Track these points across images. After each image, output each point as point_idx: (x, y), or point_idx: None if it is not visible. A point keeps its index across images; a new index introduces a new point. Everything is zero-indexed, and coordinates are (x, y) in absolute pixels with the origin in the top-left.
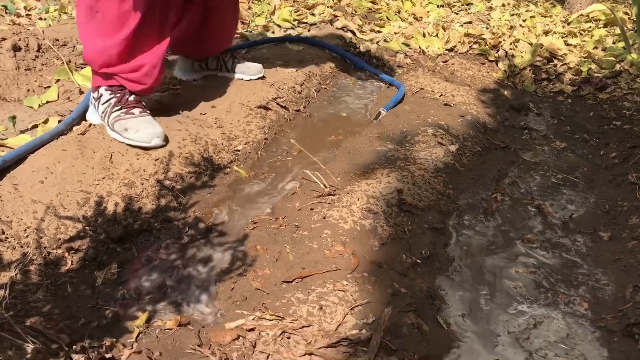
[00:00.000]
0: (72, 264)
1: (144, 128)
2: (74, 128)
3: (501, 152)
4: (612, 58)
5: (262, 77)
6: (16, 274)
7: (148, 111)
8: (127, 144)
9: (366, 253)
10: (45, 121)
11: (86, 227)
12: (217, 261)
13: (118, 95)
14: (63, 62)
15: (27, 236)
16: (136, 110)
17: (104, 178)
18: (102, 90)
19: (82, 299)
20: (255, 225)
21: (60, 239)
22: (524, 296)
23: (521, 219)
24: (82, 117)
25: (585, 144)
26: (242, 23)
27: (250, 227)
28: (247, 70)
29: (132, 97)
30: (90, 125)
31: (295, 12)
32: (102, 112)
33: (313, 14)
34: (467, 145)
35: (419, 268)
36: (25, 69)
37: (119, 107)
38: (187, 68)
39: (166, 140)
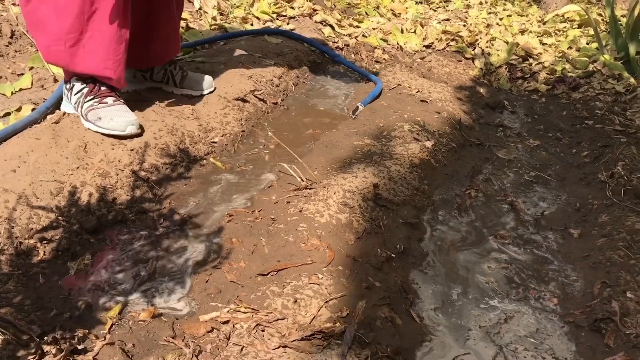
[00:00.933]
0: (44, 255)
1: (117, 116)
2: (48, 117)
3: (476, 149)
4: (586, 58)
5: (212, 91)
6: None
7: (122, 100)
8: (102, 134)
9: (342, 247)
10: (19, 109)
11: (59, 217)
12: (191, 253)
13: (90, 84)
14: (37, 49)
15: None
16: (109, 99)
17: (78, 168)
18: (73, 80)
19: (54, 289)
20: (231, 218)
21: (32, 229)
22: (495, 291)
23: (494, 215)
24: (56, 105)
25: (558, 143)
26: (221, 14)
27: (226, 220)
28: (196, 85)
29: (104, 87)
30: (64, 114)
31: (274, 4)
32: (75, 103)
33: (292, 7)
34: (442, 141)
35: (394, 262)
36: None
37: (92, 96)
38: (127, 78)
39: (141, 128)
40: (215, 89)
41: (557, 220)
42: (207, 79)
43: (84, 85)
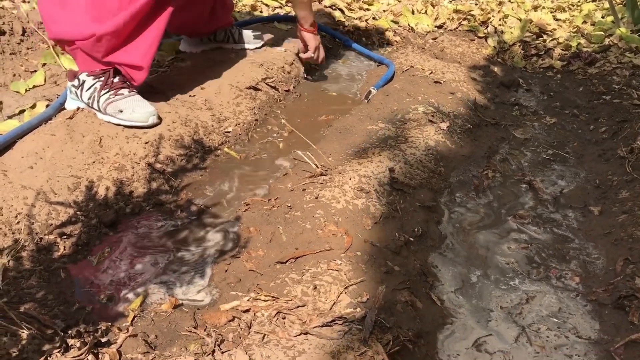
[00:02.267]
0: (64, 250)
1: (139, 107)
2: (62, 112)
3: (492, 128)
4: (601, 32)
5: (264, 46)
6: (8, 261)
7: (135, 90)
8: (124, 125)
9: (359, 232)
10: (33, 106)
11: (78, 212)
12: (210, 243)
13: (102, 78)
14: (49, 46)
15: (18, 222)
16: (124, 91)
17: (94, 162)
18: (83, 76)
19: (76, 284)
20: (247, 207)
21: (51, 224)
22: (516, 271)
23: (512, 195)
24: None
25: (575, 119)
26: None
27: (242, 209)
28: (250, 40)
29: (116, 79)
30: (78, 108)
31: None
32: (89, 98)
33: None
34: (457, 122)
35: (412, 246)
36: (10, 54)
37: (107, 89)
38: (195, 42)
39: (160, 118)
40: (264, 44)
41: (576, 198)
42: (257, 33)
43: (96, 79)
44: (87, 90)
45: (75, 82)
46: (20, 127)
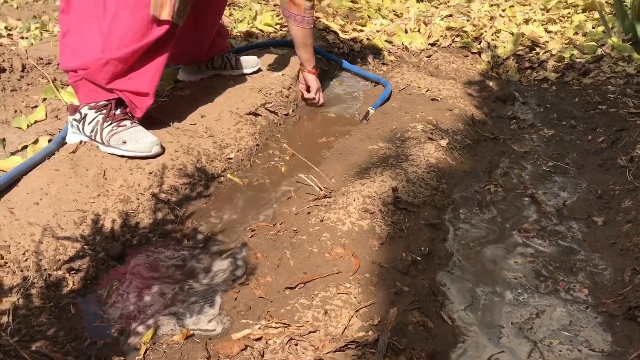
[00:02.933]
0: (73, 285)
1: (142, 138)
2: (65, 146)
3: (491, 143)
4: (593, 43)
5: (260, 70)
6: (18, 299)
7: (136, 121)
8: (128, 156)
9: (366, 253)
10: (35, 141)
11: (85, 246)
12: (218, 271)
13: (104, 111)
14: (49, 81)
15: (26, 260)
16: (127, 122)
17: (99, 195)
18: (84, 110)
19: (86, 319)
20: (253, 233)
21: (59, 260)
22: (524, 286)
23: (516, 209)
24: None
25: (573, 130)
26: None
27: (248, 235)
28: (247, 64)
29: (118, 111)
30: (81, 142)
31: (277, 16)
32: (91, 131)
33: None
34: (457, 138)
35: (420, 265)
36: (11, 90)
37: (109, 122)
38: (192, 70)
39: (163, 148)
40: (260, 68)
41: (579, 209)
42: (254, 58)
43: (98, 112)
44: (89, 124)
45: (77, 116)
46: (24, 163)
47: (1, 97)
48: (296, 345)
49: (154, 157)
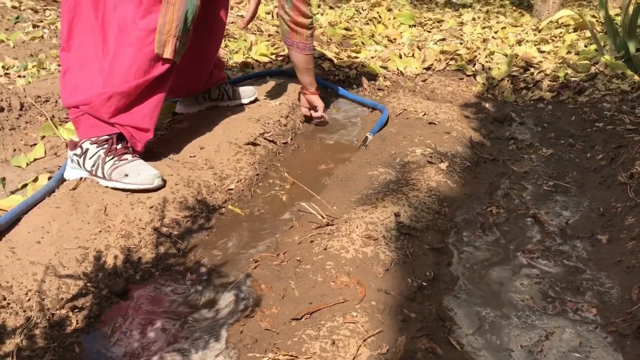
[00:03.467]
0: (77, 323)
1: (144, 170)
2: (65, 184)
3: (490, 165)
4: (587, 61)
5: (257, 99)
6: (22, 340)
7: (137, 155)
8: (129, 190)
9: (372, 281)
10: (35, 179)
11: (88, 284)
12: (222, 304)
13: (105, 146)
14: (47, 118)
15: (29, 299)
16: (128, 156)
17: (100, 232)
18: (86, 145)
19: (92, 358)
20: (257, 264)
21: (62, 298)
22: (532, 308)
23: (519, 230)
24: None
25: (571, 149)
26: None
27: (252, 266)
28: (244, 94)
29: (119, 145)
30: (81, 178)
31: (272, 45)
32: (93, 166)
33: None
34: (456, 161)
35: (426, 290)
36: (9, 129)
37: (111, 156)
38: (190, 102)
39: (164, 180)
40: (257, 98)
41: (582, 228)
42: (251, 88)
43: (100, 147)
44: (90, 158)
45: (78, 151)
46: (25, 202)
47: (0, 136)
48: None
49: (156, 189)
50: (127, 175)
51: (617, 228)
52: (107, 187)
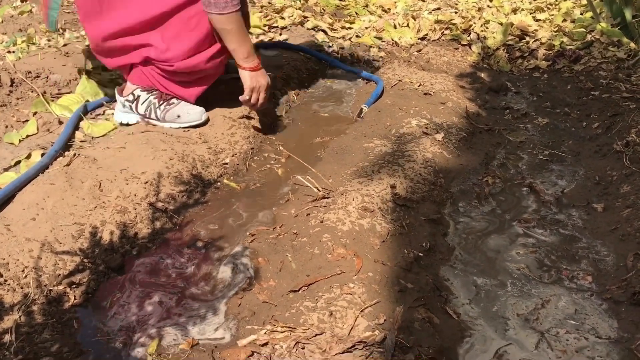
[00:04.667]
0: (75, 299)
1: (191, 109)
2: (58, 160)
3: (486, 135)
4: (582, 29)
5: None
6: (20, 317)
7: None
8: (183, 128)
9: (368, 252)
10: (28, 156)
11: (84, 260)
12: (220, 278)
13: (155, 93)
14: (38, 94)
15: (26, 276)
16: (174, 100)
17: (95, 207)
18: (137, 92)
19: (90, 333)
20: (253, 237)
21: (59, 274)
22: (528, 277)
23: (514, 200)
24: (64, 147)
25: (567, 118)
26: None
27: (249, 240)
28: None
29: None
30: (74, 154)
31: (264, 17)
32: (146, 110)
33: (282, 18)
34: (452, 132)
35: (422, 261)
36: (0, 105)
37: (162, 102)
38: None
39: (208, 116)
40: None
41: (578, 197)
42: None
43: (150, 94)
44: (142, 104)
45: (130, 97)
46: (18, 179)
47: None
48: (303, 348)
49: (204, 124)
50: (179, 117)
51: (612, 196)
52: (162, 126)
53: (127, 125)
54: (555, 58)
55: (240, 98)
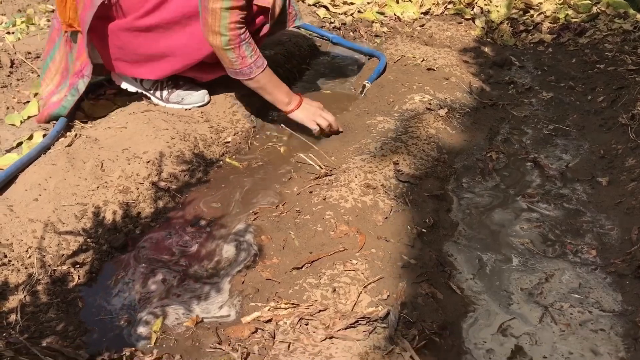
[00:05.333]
0: (79, 279)
1: (195, 91)
2: (60, 140)
3: (490, 110)
4: (588, 1)
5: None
6: (25, 296)
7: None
8: (186, 109)
9: (371, 229)
10: (30, 137)
11: (88, 240)
12: (223, 256)
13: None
14: (39, 75)
15: (29, 257)
16: (180, 81)
17: (98, 187)
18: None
19: (95, 311)
20: (256, 215)
21: (63, 255)
22: (532, 251)
23: (519, 174)
24: (66, 128)
25: (572, 91)
26: None
27: (252, 218)
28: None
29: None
30: (75, 135)
31: None
32: (150, 88)
33: None
34: (455, 107)
35: (425, 237)
36: (1, 87)
37: (169, 82)
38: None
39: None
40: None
41: (583, 171)
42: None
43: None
44: (148, 80)
45: (157, 85)
46: (20, 160)
47: None
48: (306, 324)
49: (206, 104)
50: (183, 99)
51: (617, 170)
52: (165, 106)
53: (126, 91)
54: (560, 31)
55: (317, 132)
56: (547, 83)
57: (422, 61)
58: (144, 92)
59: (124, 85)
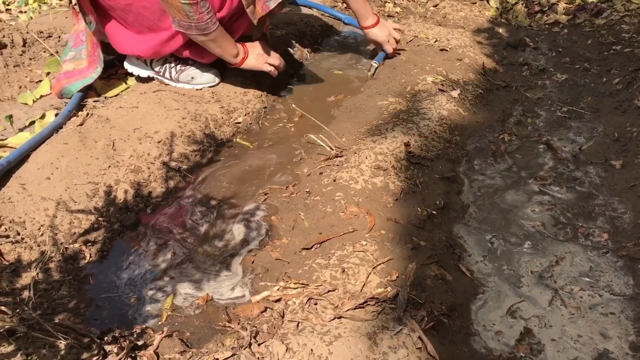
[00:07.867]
0: (90, 257)
1: (205, 71)
2: (72, 120)
3: (503, 91)
4: None
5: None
6: (37, 274)
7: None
8: (197, 89)
9: (381, 210)
10: (42, 116)
11: (99, 218)
12: (233, 236)
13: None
14: (51, 54)
15: (42, 234)
16: (190, 61)
17: (109, 167)
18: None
19: (106, 289)
20: (266, 196)
21: (75, 233)
22: (542, 234)
23: (531, 157)
24: (78, 107)
25: (587, 73)
26: None
27: (262, 198)
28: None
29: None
30: (87, 114)
31: None
32: (161, 68)
33: None
34: (468, 89)
35: (435, 219)
36: (14, 66)
37: (178, 62)
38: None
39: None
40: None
41: (596, 154)
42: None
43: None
44: (157, 61)
45: (166, 61)
46: (33, 138)
47: (5, 74)
48: (315, 304)
49: (217, 84)
50: (193, 78)
51: (631, 153)
52: (176, 86)
53: (135, 76)
54: (576, 12)
55: (389, 51)
56: (561, 65)
57: (435, 41)
58: (155, 76)
59: (135, 72)
